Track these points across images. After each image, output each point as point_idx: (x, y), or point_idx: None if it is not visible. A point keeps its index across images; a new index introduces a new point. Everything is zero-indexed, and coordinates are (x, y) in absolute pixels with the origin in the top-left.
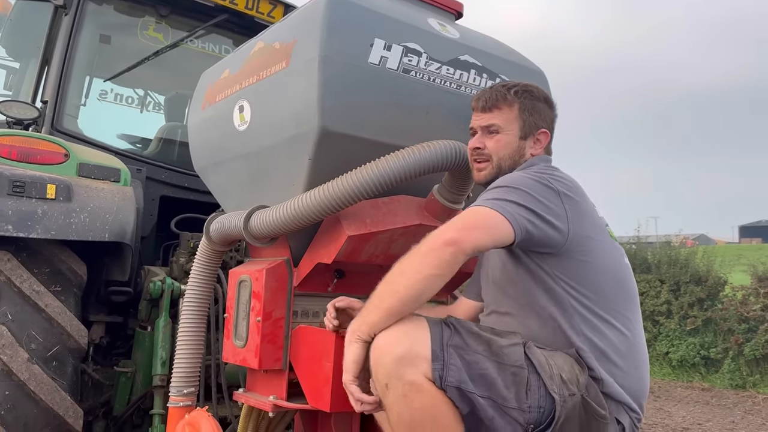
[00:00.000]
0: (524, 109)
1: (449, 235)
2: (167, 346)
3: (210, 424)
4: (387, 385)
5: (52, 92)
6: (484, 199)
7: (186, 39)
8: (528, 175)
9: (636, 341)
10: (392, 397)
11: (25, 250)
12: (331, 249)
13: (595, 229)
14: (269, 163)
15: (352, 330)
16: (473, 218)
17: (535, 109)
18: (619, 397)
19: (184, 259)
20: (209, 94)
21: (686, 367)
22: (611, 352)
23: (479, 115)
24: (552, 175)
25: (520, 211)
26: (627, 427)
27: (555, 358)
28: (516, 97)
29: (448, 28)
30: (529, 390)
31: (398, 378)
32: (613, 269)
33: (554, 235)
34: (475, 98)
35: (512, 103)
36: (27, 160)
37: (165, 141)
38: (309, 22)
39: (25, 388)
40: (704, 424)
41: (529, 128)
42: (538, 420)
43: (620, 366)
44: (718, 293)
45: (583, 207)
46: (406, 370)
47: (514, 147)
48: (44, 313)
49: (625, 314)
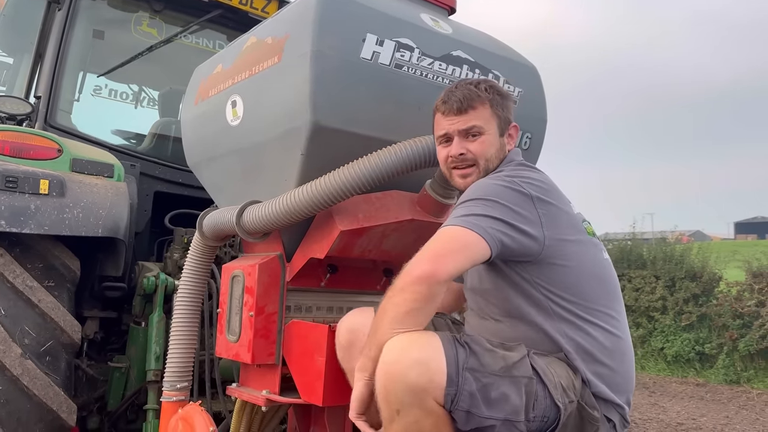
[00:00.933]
0: (496, 105)
1: (423, 268)
2: (161, 341)
3: (203, 418)
4: (398, 411)
5: (46, 88)
6: (455, 216)
7: (180, 34)
8: (499, 183)
9: (620, 337)
10: (403, 424)
11: (18, 245)
12: (323, 244)
13: (571, 230)
14: (262, 159)
15: (358, 368)
16: (445, 243)
17: (504, 104)
18: (606, 396)
19: (178, 255)
20: (202, 89)
21: (681, 362)
22: (597, 352)
23: (454, 119)
24: (524, 179)
25: (492, 225)
26: (617, 422)
27: (553, 366)
28: (487, 93)
29: (441, 23)
30: (536, 400)
31: (414, 406)
32: (592, 269)
33: (530, 243)
34: (442, 101)
35: (485, 100)
36: (20, 156)
37: (159, 136)
38: (301, 17)
39: (19, 383)
40: (699, 419)
41: (504, 124)
42: (540, 429)
43: (607, 365)
44: (713, 289)
45: (557, 208)
46: (423, 398)
47: (497, 146)
48: (37, 309)
49: (607, 312)
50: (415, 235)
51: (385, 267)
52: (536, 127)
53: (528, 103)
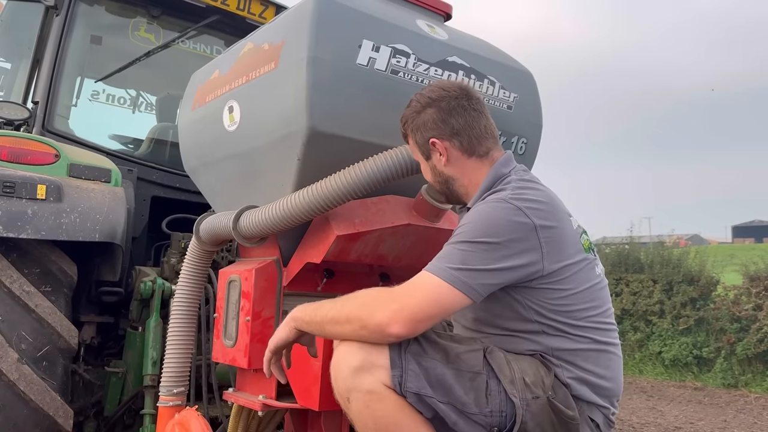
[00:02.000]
0: (412, 132)
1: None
2: (158, 346)
3: (199, 423)
4: (348, 398)
5: (43, 93)
6: (447, 262)
7: (177, 40)
8: (499, 212)
9: (607, 345)
10: (355, 409)
11: (15, 250)
12: (320, 249)
13: (571, 250)
14: (258, 164)
15: (292, 316)
16: (429, 305)
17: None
18: (589, 398)
19: (175, 260)
20: (199, 94)
21: (679, 366)
22: (580, 360)
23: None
24: (527, 203)
25: (483, 279)
26: (601, 423)
27: (519, 362)
28: (403, 127)
29: (437, 29)
30: (490, 395)
31: (357, 389)
32: (585, 291)
33: (527, 273)
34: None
35: (406, 132)
36: (17, 161)
37: (156, 141)
38: (297, 23)
39: (15, 388)
40: (696, 423)
41: (424, 147)
42: (502, 423)
43: (590, 371)
44: (711, 293)
45: (560, 230)
46: (363, 379)
47: (434, 172)
48: (34, 314)
49: (594, 326)
50: (412, 239)
51: (381, 272)
52: (532, 132)
53: (523, 109)
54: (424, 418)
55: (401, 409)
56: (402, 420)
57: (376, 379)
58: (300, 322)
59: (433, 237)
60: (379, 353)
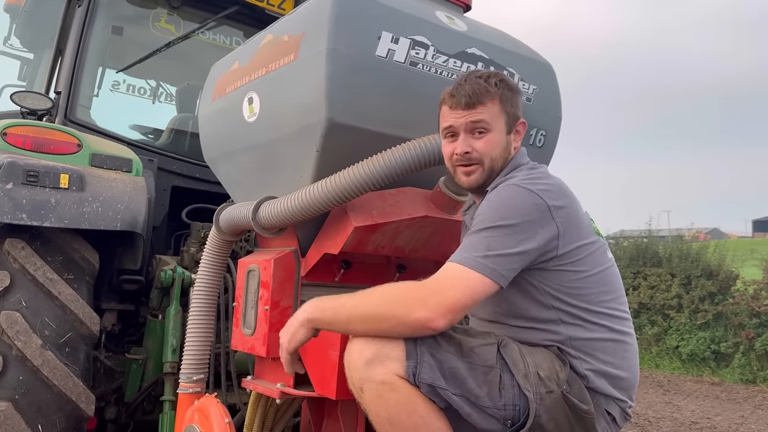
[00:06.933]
0: (505, 101)
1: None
2: (178, 333)
3: (218, 409)
4: (362, 388)
5: (66, 83)
6: (473, 251)
7: (197, 30)
8: (514, 194)
9: (623, 335)
10: (368, 399)
11: (38, 238)
12: (338, 240)
13: (583, 233)
14: (278, 155)
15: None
16: (464, 295)
17: (513, 100)
18: (606, 391)
19: (195, 249)
20: (219, 85)
21: (696, 361)
22: (598, 351)
23: (461, 113)
24: (540, 185)
25: (508, 264)
26: (617, 416)
27: (534, 356)
28: (497, 88)
29: (456, 20)
30: (503, 388)
31: (370, 380)
32: (599, 272)
33: (545, 257)
34: (449, 93)
35: (494, 96)
36: (41, 150)
37: (176, 132)
38: (317, 15)
39: (39, 373)
40: (713, 418)
41: (512, 121)
42: (515, 416)
43: (608, 362)
44: (730, 287)
45: (572, 213)
46: (376, 370)
47: (503, 145)
48: (57, 301)
49: (610, 312)
50: (429, 231)
51: (398, 263)
52: (551, 124)
53: (542, 101)
54: (436, 407)
55: (414, 399)
56: (415, 410)
57: (389, 370)
58: (319, 323)
59: (450, 229)
60: (392, 345)
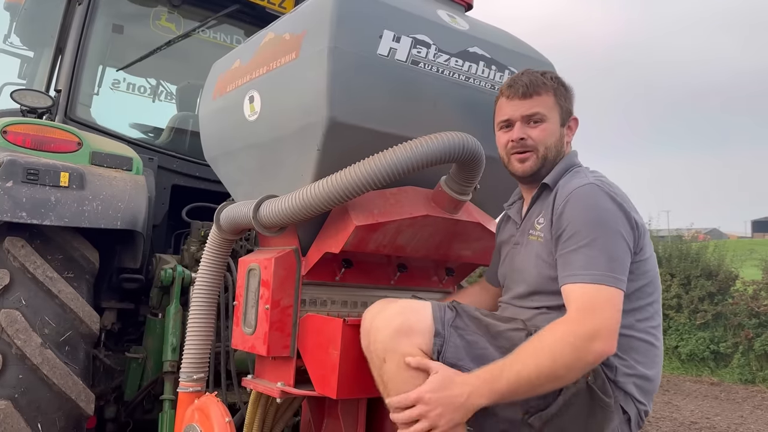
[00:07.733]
0: (560, 95)
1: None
2: (178, 332)
3: (218, 408)
4: (384, 359)
5: (66, 81)
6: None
7: (198, 29)
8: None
9: (657, 341)
10: (389, 369)
11: (38, 236)
12: (338, 239)
13: (645, 240)
14: (279, 154)
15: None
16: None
17: (566, 96)
18: (627, 387)
19: (195, 248)
20: (220, 84)
21: (695, 361)
22: (635, 353)
23: (518, 103)
24: (614, 188)
25: (624, 267)
26: (633, 417)
27: None
28: (552, 82)
29: (458, 19)
30: None
31: (394, 351)
32: (652, 270)
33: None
34: (507, 85)
35: (549, 89)
36: (41, 148)
37: (177, 130)
38: (319, 13)
39: (39, 372)
40: (713, 418)
41: (565, 115)
42: (538, 405)
43: (639, 362)
44: (729, 288)
45: (639, 217)
46: (401, 341)
47: (557, 136)
48: (57, 299)
49: (650, 315)
50: (430, 230)
51: (399, 262)
52: None
53: None
54: None
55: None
56: None
57: (413, 344)
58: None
59: (452, 228)
60: (419, 319)
